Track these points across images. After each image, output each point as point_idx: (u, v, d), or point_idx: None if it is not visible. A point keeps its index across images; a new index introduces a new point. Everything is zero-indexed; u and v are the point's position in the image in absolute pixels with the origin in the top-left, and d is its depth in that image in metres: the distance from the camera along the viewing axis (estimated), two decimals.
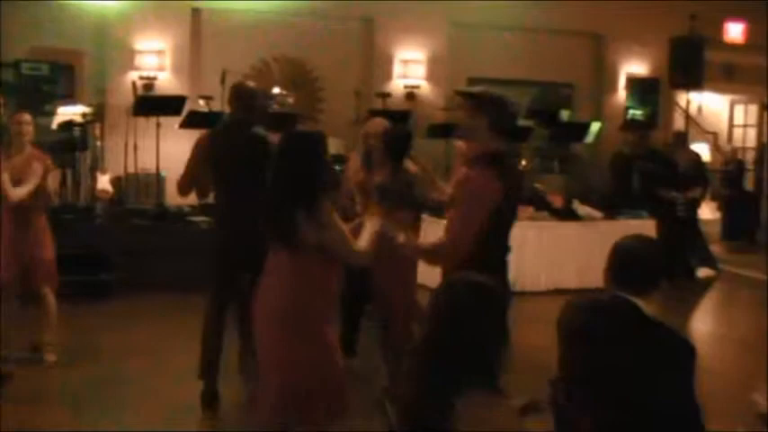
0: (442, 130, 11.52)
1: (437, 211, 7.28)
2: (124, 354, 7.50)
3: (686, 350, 3.51)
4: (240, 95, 6.24)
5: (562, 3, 13.61)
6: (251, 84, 6.60)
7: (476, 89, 4.81)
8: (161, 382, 6.69)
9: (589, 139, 12.66)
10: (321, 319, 4.37)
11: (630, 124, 13.12)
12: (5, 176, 6.74)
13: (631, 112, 14.22)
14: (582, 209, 11.16)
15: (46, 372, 6.97)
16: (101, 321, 8.60)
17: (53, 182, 7.63)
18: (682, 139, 12.57)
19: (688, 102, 14.91)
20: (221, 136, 6.31)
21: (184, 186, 6.25)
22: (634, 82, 14.53)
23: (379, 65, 13.52)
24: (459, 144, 5.85)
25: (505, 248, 4.63)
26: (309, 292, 4.29)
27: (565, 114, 13.65)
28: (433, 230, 6.90)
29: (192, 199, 6.77)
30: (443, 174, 8.73)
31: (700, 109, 16.81)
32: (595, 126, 12.73)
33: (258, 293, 4.49)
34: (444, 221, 4.66)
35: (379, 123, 6.79)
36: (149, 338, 8.03)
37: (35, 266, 7.05)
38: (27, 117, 7.17)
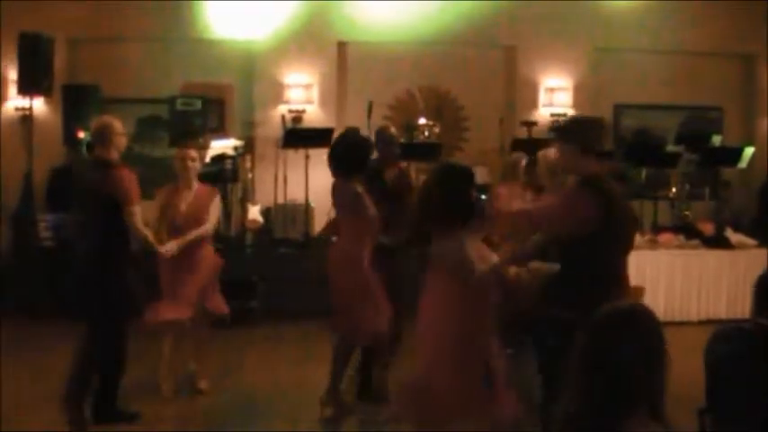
0: None
1: None
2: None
3: None
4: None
5: (709, 23, 13.27)
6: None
7: (560, 121, 4.90)
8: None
9: (742, 164, 12.29)
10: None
11: None
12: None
13: None
14: (734, 236, 10.83)
15: (196, 397, 7.17)
16: (246, 347, 8.92)
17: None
18: None
19: None
20: None
21: None
22: None
23: (522, 93, 13.42)
24: (542, 154, 6.12)
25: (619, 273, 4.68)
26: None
27: (716, 139, 13.26)
28: None
29: None
30: None
31: None
32: (748, 151, 12.34)
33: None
34: None
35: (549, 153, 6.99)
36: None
37: (206, 296, 7.13)
38: (193, 153, 7.24)
